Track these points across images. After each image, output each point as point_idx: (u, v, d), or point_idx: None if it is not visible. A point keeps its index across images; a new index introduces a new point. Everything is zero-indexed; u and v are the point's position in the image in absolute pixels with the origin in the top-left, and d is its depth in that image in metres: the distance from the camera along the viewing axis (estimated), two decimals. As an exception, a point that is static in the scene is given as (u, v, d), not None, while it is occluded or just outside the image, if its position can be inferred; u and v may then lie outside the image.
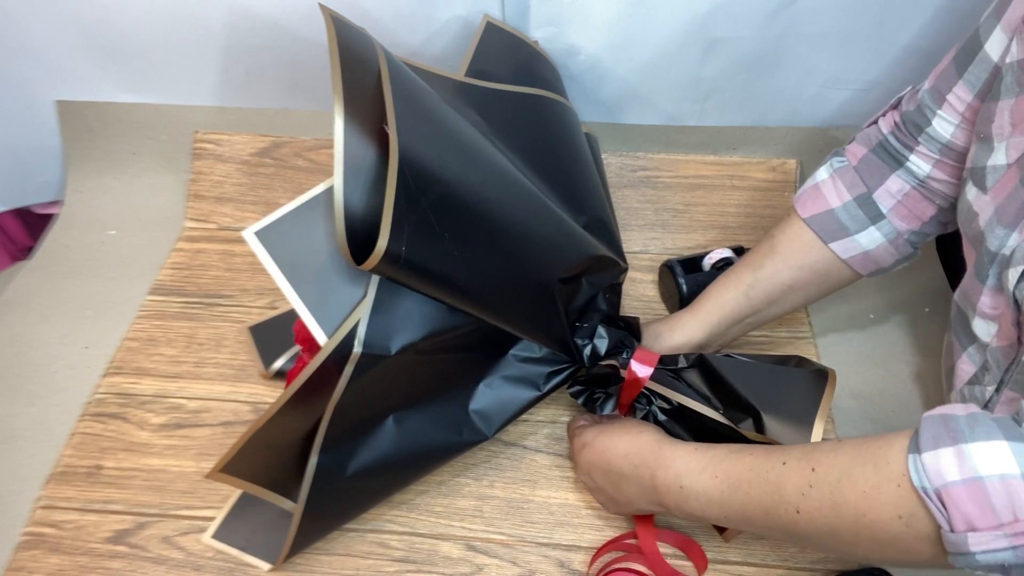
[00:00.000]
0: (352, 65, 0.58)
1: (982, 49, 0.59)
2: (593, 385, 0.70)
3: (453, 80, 0.75)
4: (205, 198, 0.96)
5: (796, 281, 0.71)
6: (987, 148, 0.57)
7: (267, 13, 0.86)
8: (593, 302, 0.72)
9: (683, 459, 0.59)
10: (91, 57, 0.91)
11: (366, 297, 0.58)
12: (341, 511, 0.66)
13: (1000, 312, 0.58)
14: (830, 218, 0.69)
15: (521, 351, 0.71)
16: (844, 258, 0.69)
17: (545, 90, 0.81)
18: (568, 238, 0.69)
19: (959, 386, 0.65)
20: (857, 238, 0.68)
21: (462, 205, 0.60)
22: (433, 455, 0.69)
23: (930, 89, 0.64)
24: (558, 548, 0.68)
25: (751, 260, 0.73)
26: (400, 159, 0.55)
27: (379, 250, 0.52)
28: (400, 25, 0.85)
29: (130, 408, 0.78)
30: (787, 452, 0.53)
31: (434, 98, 0.66)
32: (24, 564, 0.68)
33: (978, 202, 0.58)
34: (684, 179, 0.96)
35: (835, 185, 0.69)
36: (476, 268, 0.60)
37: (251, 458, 0.59)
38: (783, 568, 0.67)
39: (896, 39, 0.84)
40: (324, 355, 0.56)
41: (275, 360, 0.80)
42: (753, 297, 0.72)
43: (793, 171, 0.95)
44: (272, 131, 0.97)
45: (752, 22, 0.83)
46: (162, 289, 0.89)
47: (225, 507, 0.71)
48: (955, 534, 0.43)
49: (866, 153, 0.69)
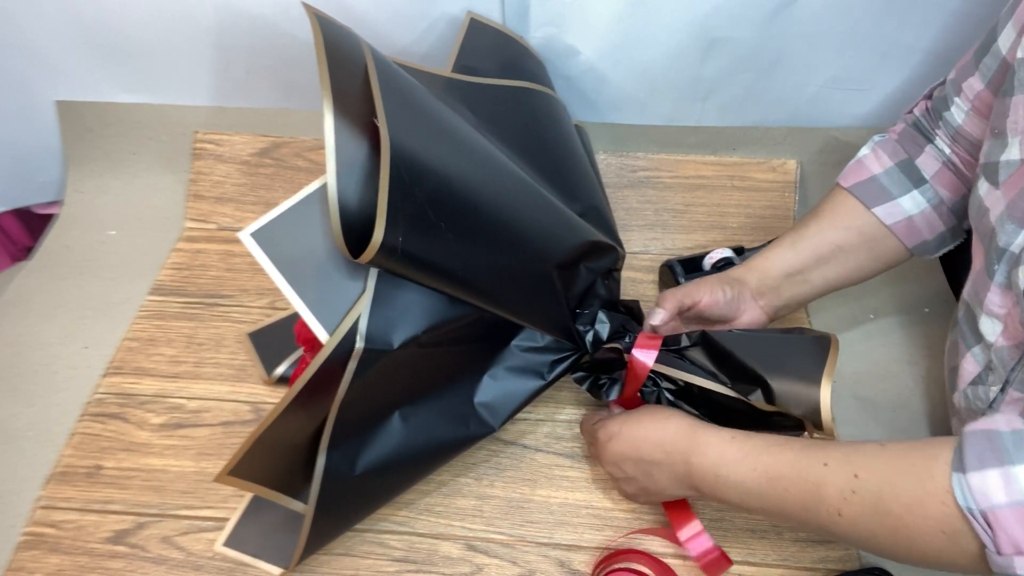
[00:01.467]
0: (339, 62, 0.58)
1: (995, 42, 0.61)
2: (597, 371, 0.70)
3: (441, 76, 0.76)
4: (205, 198, 0.96)
5: (844, 242, 0.70)
6: (1001, 143, 0.58)
7: (267, 13, 0.86)
8: (592, 288, 0.72)
9: (719, 447, 0.58)
10: (91, 57, 0.91)
11: (365, 291, 0.58)
12: (352, 510, 0.66)
13: (1007, 311, 0.57)
14: (872, 184, 0.70)
15: (524, 341, 0.71)
16: (888, 224, 0.69)
17: (532, 83, 0.81)
18: (563, 224, 0.69)
19: (962, 386, 0.64)
20: (900, 202, 0.69)
21: (456, 195, 0.60)
22: (441, 450, 0.68)
23: (953, 79, 0.68)
24: (558, 548, 0.68)
25: (795, 225, 0.73)
26: (392, 151, 0.55)
27: (375, 242, 0.53)
28: (392, 24, 0.86)
29: (130, 408, 0.78)
30: (828, 452, 0.53)
31: (422, 92, 0.66)
32: (24, 564, 0.68)
33: (989, 197, 0.58)
34: (684, 179, 0.96)
35: (876, 156, 0.71)
36: (473, 256, 0.60)
37: (258, 460, 0.59)
38: (783, 568, 0.67)
39: (896, 39, 0.84)
40: (327, 352, 0.56)
41: (277, 366, 0.79)
42: (801, 251, 0.71)
43: (793, 171, 0.95)
44: (272, 131, 0.97)
45: (752, 22, 0.83)
46: (162, 289, 0.89)
47: (235, 514, 0.70)
48: (1001, 556, 0.43)
49: (905, 127, 0.72)
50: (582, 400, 0.78)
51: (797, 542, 0.68)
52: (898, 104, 0.89)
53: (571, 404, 0.78)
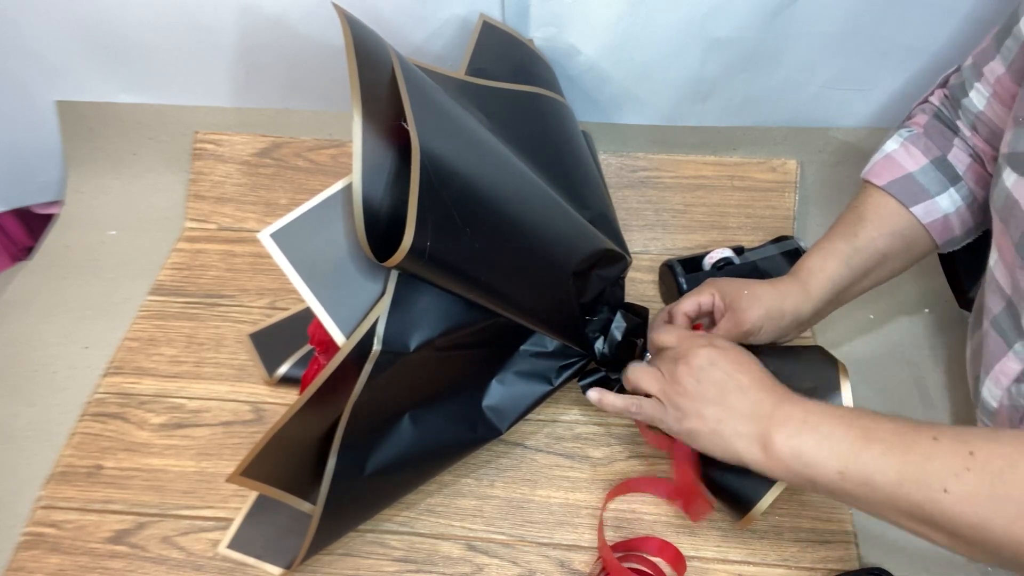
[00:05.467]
0: (367, 63, 0.58)
1: (1017, 25, 0.60)
2: (608, 368, 0.71)
3: (455, 79, 0.75)
4: (205, 198, 0.96)
5: (889, 249, 0.68)
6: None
7: (267, 13, 0.86)
8: (602, 296, 0.72)
9: (814, 400, 0.54)
10: (91, 57, 0.91)
11: (385, 295, 0.58)
12: (358, 511, 0.66)
13: None
14: (910, 182, 0.67)
15: (532, 346, 0.71)
16: (925, 223, 0.67)
17: (543, 88, 0.81)
18: (579, 232, 0.69)
19: (1007, 384, 0.62)
20: (938, 200, 0.67)
21: (481, 199, 0.60)
22: (448, 452, 0.69)
23: (971, 64, 0.66)
24: (558, 548, 0.68)
25: (842, 231, 0.68)
26: (421, 154, 0.55)
27: (405, 245, 0.52)
28: (401, 23, 0.86)
29: (130, 408, 0.78)
30: (937, 428, 0.48)
31: (444, 95, 0.66)
32: (24, 564, 0.68)
33: (1018, 188, 0.56)
34: (684, 179, 0.96)
35: (908, 152, 0.68)
36: (496, 261, 0.60)
37: (270, 461, 0.59)
38: (783, 568, 0.67)
39: (896, 39, 0.84)
40: (344, 354, 0.56)
41: (278, 366, 0.79)
42: (854, 267, 0.67)
43: (793, 171, 0.95)
44: (272, 131, 0.97)
45: (752, 22, 0.83)
46: (162, 289, 0.89)
47: (238, 516, 0.70)
48: None
49: (929, 119, 0.70)
50: (583, 401, 0.78)
51: (797, 542, 0.68)
52: (898, 104, 0.89)
53: (572, 405, 0.78)
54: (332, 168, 0.97)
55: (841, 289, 0.68)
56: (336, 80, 0.92)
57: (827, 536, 0.68)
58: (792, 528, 0.69)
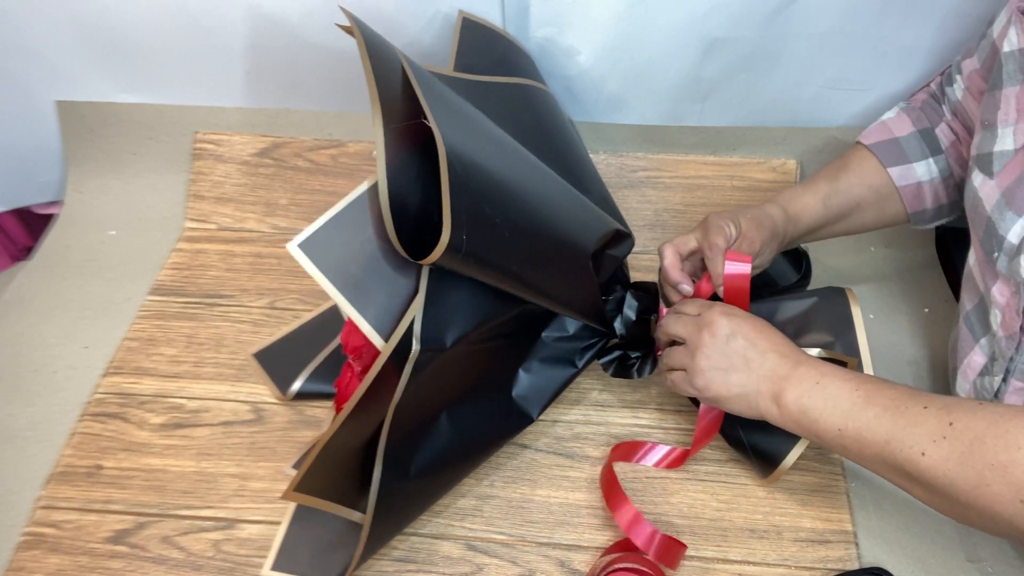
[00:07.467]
0: (379, 64, 0.58)
1: (991, 26, 0.65)
2: (627, 348, 0.73)
3: (448, 76, 0.76)
4: (205, 198, 0.96)
5: (863, 200, 0.73)
6: (991, 134, 0.59)
7: (267, 13, 0.86)
8: (615, 275, 0.74)
9: (828, 364, 0.60)
10: (91, 57, 0.91)
11: (419, 293, 0.58)
12: (406, 514, 0.66)
13: (1006, 300, 0.58)
14: (894, 145, 0.73)
15: (553, 332, 0.73)
16: (899, 185, 0.73)
17: (528, 78, 0.83)
18: (591, 214, 0.71)
19: (972, 378, 0.65)
20: (915, 167, 0.72)
21: (504, 189, 0.61)
22: (485, 445, 0.70)
23: (959, 59, 0.72)
24: (558, 548, 0.68)
25: (825, 173, 0.75)
26: (447, 150, 0.55)
27: (443, 241, 0.53)
28: (401, 22, 0.86)
29: (130, 408, 0.78)
30: (930, 399, 0.54)
31: (451, 92, 0.67)
32: (24, 564, 0.68)
33: (984, 188, 0.60)
34: (684, 179, 0.96)
35: (900, 119, 0.75)
36: (525, 249, 0.61)
37: (320, 473, 0.59)
38: (783, 567, 0.67)
39: (896, 39, 0.84)
40: (385, 357, 0.57)
41: (288, 383, 0.78)
42: (830, 207, 0.73)
43: (793, 171, 0.95)
44: (272, 131, 0.97)
45: (752, 22, 0.83)
46: (162, 289, 0.89)
47: (277, 534, 0.69)
48: None
49: (926, 98, 0.76)
50: (583, 401, 0.78)
51: (797, 542, 0.68)
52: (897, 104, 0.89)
53: (572, 405, 0.78)
54: (332, 168, 0.97)
55: (815, 224, 0.73)
56: (336, 80, 0.92)
57: (827, 536, 0.68)
58: (792, 528, 0.69)
